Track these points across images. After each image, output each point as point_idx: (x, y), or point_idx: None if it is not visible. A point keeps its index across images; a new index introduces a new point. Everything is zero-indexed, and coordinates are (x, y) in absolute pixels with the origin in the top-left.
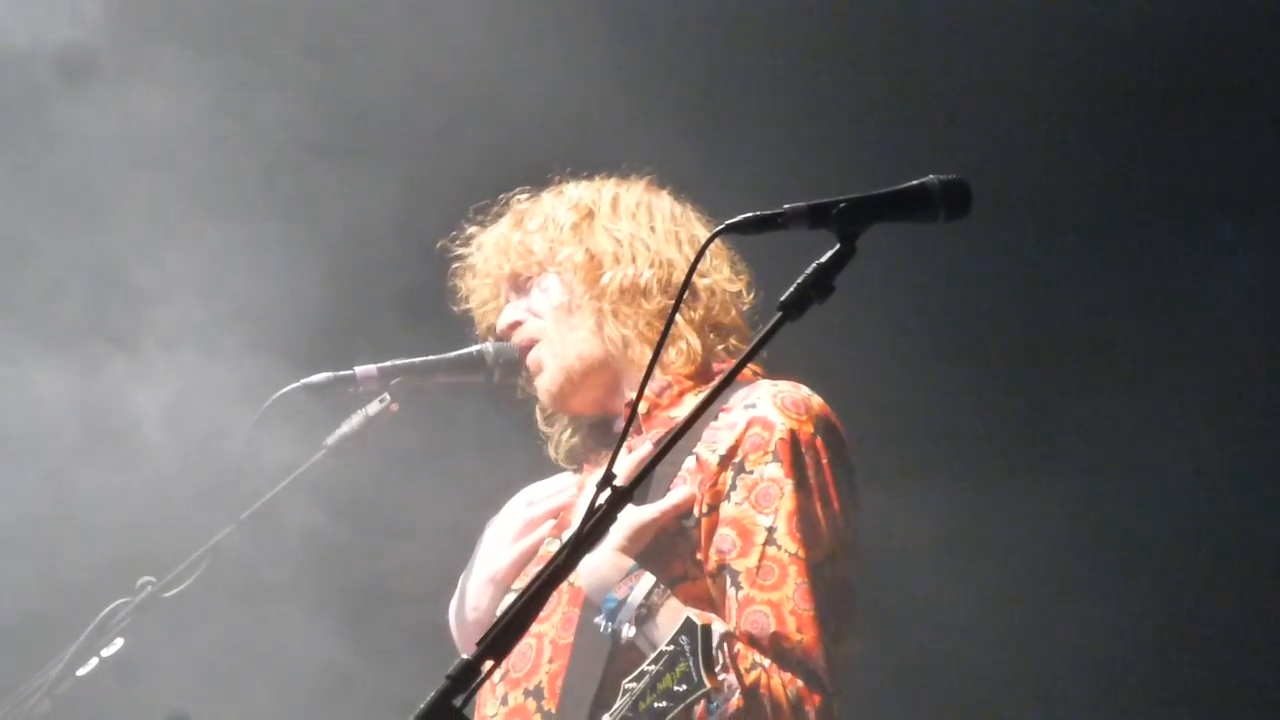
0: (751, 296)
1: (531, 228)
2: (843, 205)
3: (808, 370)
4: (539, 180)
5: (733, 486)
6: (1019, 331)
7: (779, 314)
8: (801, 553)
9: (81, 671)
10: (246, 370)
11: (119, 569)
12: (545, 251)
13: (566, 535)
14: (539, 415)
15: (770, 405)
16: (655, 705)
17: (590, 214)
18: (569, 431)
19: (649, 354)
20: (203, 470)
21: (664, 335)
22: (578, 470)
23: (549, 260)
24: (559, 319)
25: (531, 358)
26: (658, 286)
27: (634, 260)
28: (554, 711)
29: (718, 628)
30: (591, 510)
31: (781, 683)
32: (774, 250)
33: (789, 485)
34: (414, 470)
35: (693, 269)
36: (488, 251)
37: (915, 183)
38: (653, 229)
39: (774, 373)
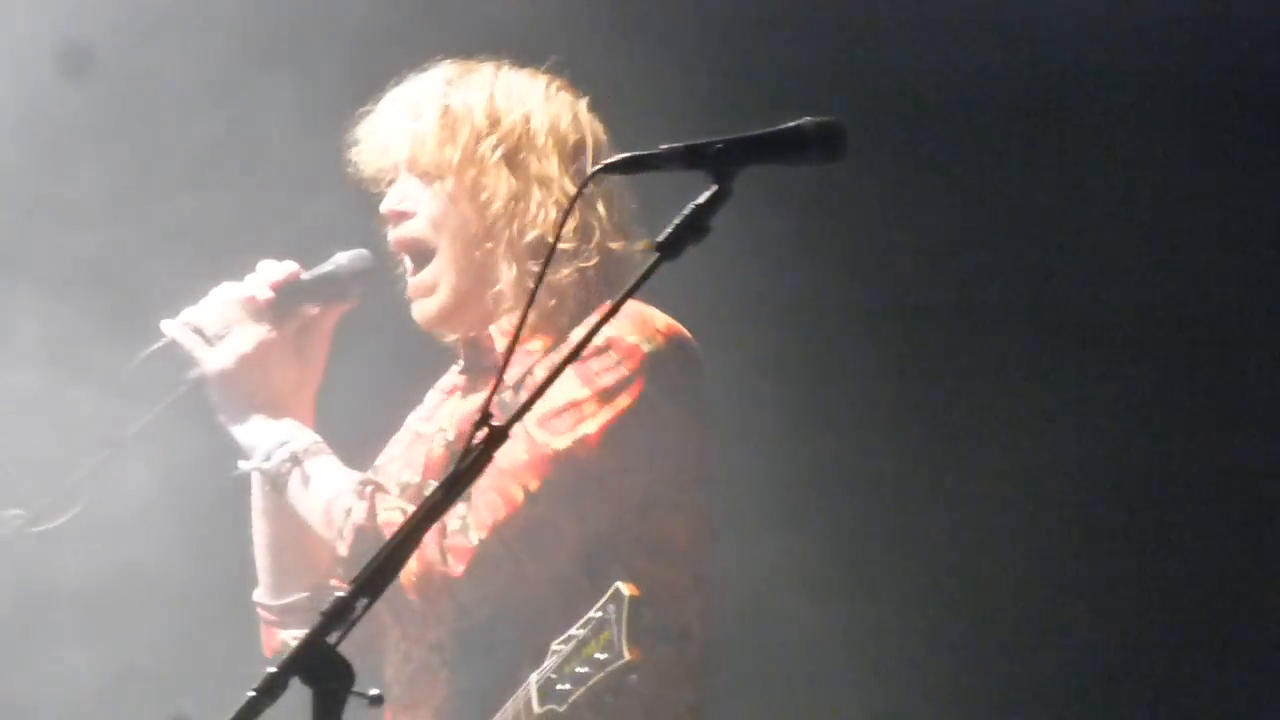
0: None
1: (461, 134)
2: (719, 146)
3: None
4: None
5: None
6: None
7: (656, 255)
8: None
9: None
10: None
11: None
12: (469, 177)
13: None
14: None
15: None
16: (577, 670)
17: (526, 136)
18: None
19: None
20: (70, 402)
21: (535, 290)
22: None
23: (464, 182)
24: (458, 243)
25: (423, 278)
26: (572, 251)
27: (550, 212)
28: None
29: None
30: (468, 450)
31: None
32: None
33: None
34: None
35: (566, 214)
36: (395, 124)
37: (790, 124)
38: (583, 173)
39: None
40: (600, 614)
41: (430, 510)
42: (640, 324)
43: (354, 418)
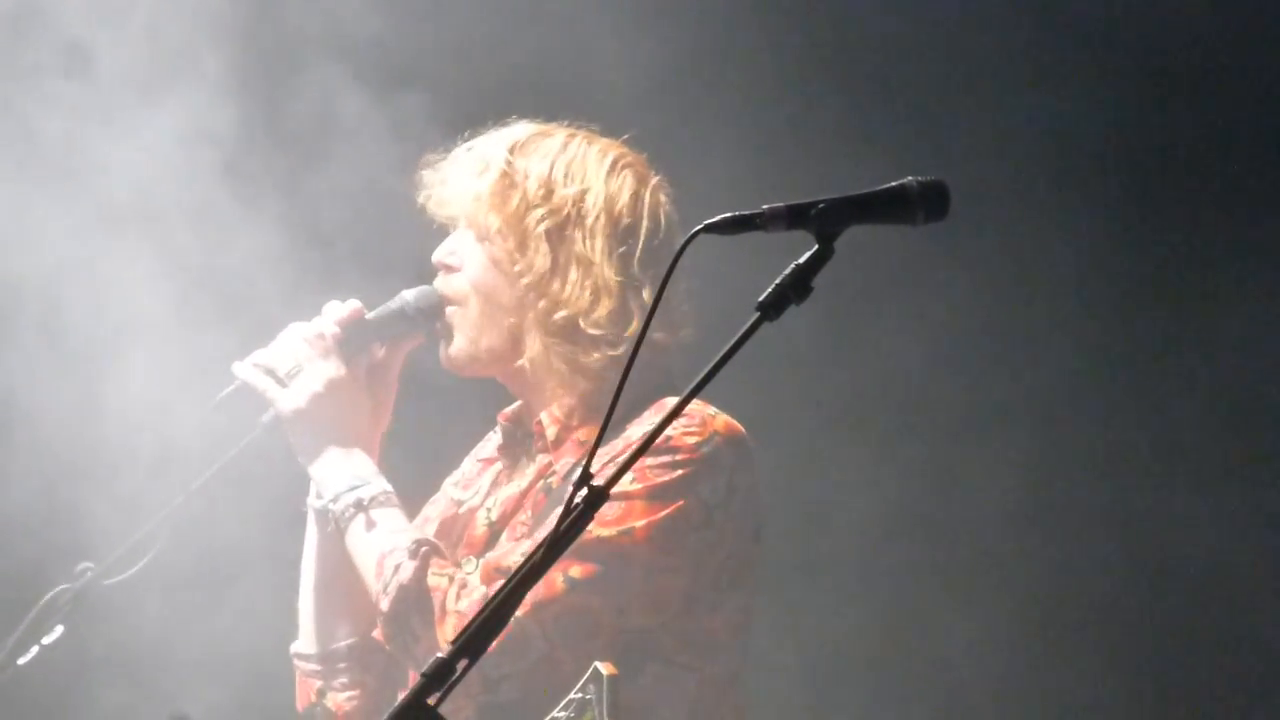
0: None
1: (512, 200)
2: (821, 206)
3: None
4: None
5: None
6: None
7: (756, 315)
8: None
9: (22, 660)
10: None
11: (58, 554)
12: (509, 246)
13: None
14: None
15: None
16: None
17: (577, 213)
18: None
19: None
20: (144, 452)
21: (620, 384)
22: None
23: (505, 249)
24: (488, 307)
25: (446, 324)
26: (602, 338)
27: (596, 296)
28: None
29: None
30: (568, 509)
31: None
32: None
33: None
34: None
35: (657, 300)
36: (457, 179)
37: (894, 184)
38: (629, 258)
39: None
40: (580, 695)
41: (531, 570)
42: (700, 424)
43: (399, 466)
